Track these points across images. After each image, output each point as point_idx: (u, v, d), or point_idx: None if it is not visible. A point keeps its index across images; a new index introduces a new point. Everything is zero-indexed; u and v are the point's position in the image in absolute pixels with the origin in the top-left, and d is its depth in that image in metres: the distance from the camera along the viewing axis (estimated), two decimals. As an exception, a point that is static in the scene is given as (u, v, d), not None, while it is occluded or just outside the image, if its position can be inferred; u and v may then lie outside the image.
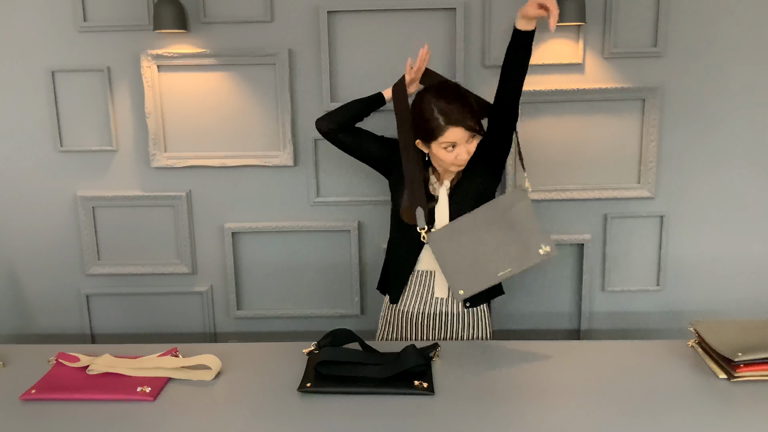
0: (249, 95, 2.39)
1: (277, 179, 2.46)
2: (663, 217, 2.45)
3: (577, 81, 2.36)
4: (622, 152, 2.42)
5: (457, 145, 1.77)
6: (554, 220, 2.48)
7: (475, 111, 1.78)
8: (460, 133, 1.75)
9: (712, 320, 1.64)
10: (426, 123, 1.77)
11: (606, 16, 2.30)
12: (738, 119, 2.38)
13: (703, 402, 1.37)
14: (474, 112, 1.78)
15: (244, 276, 2.55)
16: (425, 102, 1.78)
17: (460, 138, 1.76)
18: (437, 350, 1.57)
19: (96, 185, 2.47)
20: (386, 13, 2.32)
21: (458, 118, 1.74)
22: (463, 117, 1.74)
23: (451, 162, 1.80)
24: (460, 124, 1.74)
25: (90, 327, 2.58)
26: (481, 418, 1.32)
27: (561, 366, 1.54)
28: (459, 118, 1.74)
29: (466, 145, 1.78)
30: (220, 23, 2.33)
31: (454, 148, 1.77)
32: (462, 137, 1.76)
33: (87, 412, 1.36)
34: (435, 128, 1.75)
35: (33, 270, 2.54)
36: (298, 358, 1.57)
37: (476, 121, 1.77)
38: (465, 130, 1.74)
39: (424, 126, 1.78)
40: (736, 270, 2.50)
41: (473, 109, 1.78)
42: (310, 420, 1.32)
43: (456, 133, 1.74)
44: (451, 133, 1.74)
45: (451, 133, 1.74)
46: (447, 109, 1.74)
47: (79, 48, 2.36)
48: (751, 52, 2.33)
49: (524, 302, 2.55)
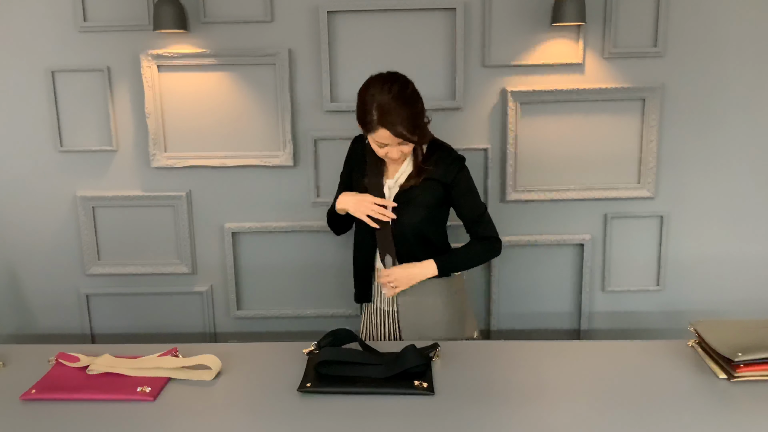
0: (249, 95, 2.39)
1: (277, 179, 2.46)
2: (663, 217, 2.45)
3: (577, 81, 2.36)
4: (622, 152, 2.42)
5: (387, 145, 1.77)
6: (554, 220, 2.48)
7: (412, 118, 1.73)
8: (389, 137, 1.74)
9: (712, 320, 1.64)
10: (363, 114, 1.77)
11: (606, 16, 2.30)
12: (738, 119, 2.38)
13: (703, 402, 1.37)
14: (411, 118, 1.73)
15: (244, 276, 2.55)
16: (369, 92, 1.75)
17: (389, 140, 1.75)
18: (437, 350, 1.57)
19: (96, 185, 2.47)
20: (386, 13, 2.32)
21: (390, 121, 1.71)
22: (396, 121, 1.71)
23: (382, 156, 1.82)
24: (390, 128, 1.72)
25: (90, 327, 2.58)
26: (481, 418, 1.32)
27: (561, 366, 1.54)
28: (391, 121, 1.71)
29: (397, 147, 1.77)
30: (220, 23, 2.33)
31: (385, 146, 1.78)
32: (392, 140, 1.75)
33: (87, 412, 1.36)
34: (369, 123, 1.75)
35: (33, 270, 2.54)
36: (298, 358, 1.57)
37: (410, 128, 1.72)
38: (390, 134, 1.73)
39: (362, 116, 1.78)
40: (736, 270, 2.50)
41: (411, 114, 1.73)
42: (310, 420, 1.32)
43: (385, 134, 1.74)
44: (381, 133, 1.74)
45: (382, 134, 1.74)
46: (384, 109, 1.71)
47: (79, 48, 2.36)
48: (751, 51, 2.33)
49: (524, 302, 2.55)
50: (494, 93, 2.38)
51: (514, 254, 2.51)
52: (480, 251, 1.93)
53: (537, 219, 2.48)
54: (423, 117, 1.78)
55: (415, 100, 1.76)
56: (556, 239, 2.47)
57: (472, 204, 1.90)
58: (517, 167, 2.42)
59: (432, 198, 1.87)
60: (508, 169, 2.41)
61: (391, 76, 1.78)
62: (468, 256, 1.93)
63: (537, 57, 2.34)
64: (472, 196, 1.90)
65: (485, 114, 2.38)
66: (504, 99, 2.37)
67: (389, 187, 1.90)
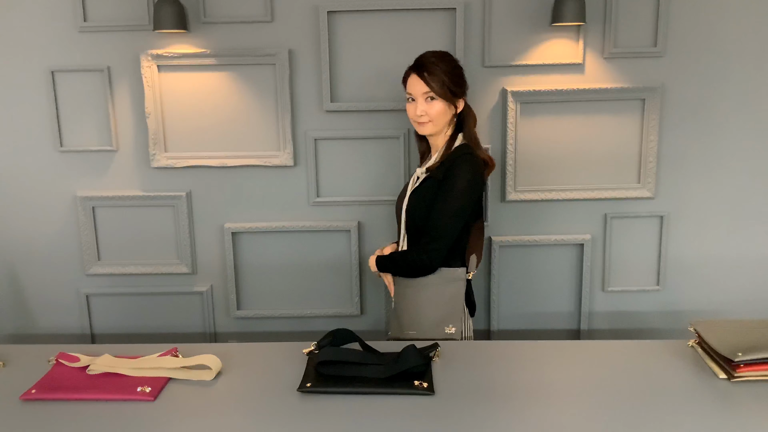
0: (249, 95, 2.39)
1: (277, 179, 2.46)
2: (663, 217, 2.45)
3: (577, 81, 2.36)
4: (622, 152, 2.42)
5: (415, 98, 1.83)
6: (554, 220, 2.48)
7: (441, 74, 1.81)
8: (415, 81, 1.81)
9: (712, 320, 1.64)
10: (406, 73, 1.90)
11: (606, 16, 2.30)
12: (738, 119, 2.38)
13: (703, 402, 1.37)
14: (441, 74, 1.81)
15: (244, 276, 2.55)
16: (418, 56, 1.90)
17: (414, 88, 1.82)
18: (437, 350, 1.57)
19: (96, 185, 2.47)
20: (386, 13, 2.32)
21: (416, 65, 1.83)
22: (424, 67, 1.81)
23: (413, 118, 1.87)
24: (415, 69, 1.82)
25: (90, 327, 2.58)
26: (481, 418, 1.32)
27: (561, 366, 1.54)
28: (416, 64, 1.83)
29: (424, 104, 1.83)
30: (220, 23, 2.33)
31: (414, 101, 1.84)
32: (416, 88, 1.82)
33: (87, 412, 1.36)
34: (404, 77, 1.87)
35: (33, 270, 2.54)
36: (298, 358, 1.57)
37: (439, 82, 1.80)
38: (419, 80, 1.80)
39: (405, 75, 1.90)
40: (736, 270, 2.50)
41: (443, 71, 1.81)
42: (310, 420, 1.32)
43: (412, 80, 1.82)
44: (410, 80, 1.84)
45: (410, 81, 1.83)
46: (420, 59, 1.84)
47: (79, 48, 2.36)
48: (751, 52, 2.33)
49: (524, 302, 2.55)
50: (494, 93, 2.38)
51: (514, 254, 2.51)
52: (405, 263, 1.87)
53: (537, 219, 2.48)
54: (455, 85, 1.85)
55: (454, 66, 1.87)
56: (556, 239, 2.47)
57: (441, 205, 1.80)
58: (517, 167, 2.42)
59: (428, 193, 1.86)
60: (508, 169, 2.40)
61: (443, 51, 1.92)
62: (397, 262, 1.90)
63: (537, 57, 2.34)
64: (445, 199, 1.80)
65: (485, 114, 2.38)
66: (504, 99, 2.37)
67: (419, 175, 1.92)
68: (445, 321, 1.88)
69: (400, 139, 2.40)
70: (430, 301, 1.88)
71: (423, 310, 1.88)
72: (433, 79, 1.81)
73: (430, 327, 1.88)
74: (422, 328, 1.87)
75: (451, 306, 1.89)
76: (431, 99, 1.83)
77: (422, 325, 1.88)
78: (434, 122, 1.85)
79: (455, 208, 1.80)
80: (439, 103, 1.83)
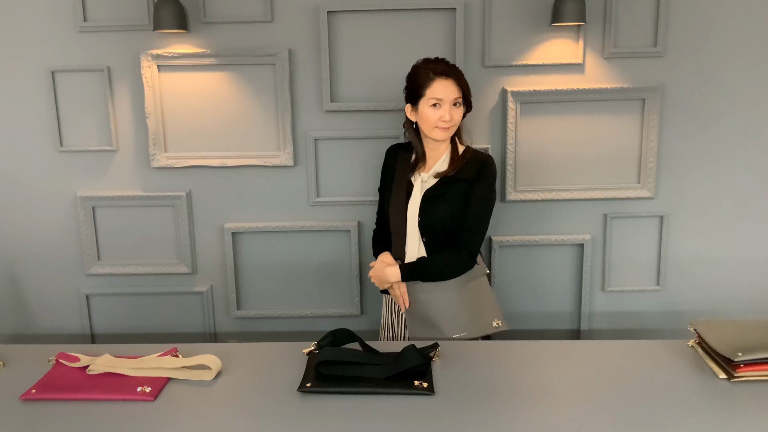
0: (249, 95, 2.39)
1: (277, 179, 2.46)
2: (663, 217, 2.45)
3: (577, 81, 2.36)
4: (622, 152, 2.42)
5: (442, 103, 1.83)
6: (554, 220, 2.48)
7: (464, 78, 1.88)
8: (446, 86, 1.82)
9: (712, 320, 1.64)
10: (416, 79, 1.87)
11: (606, 16, 2.30)
12: (738, 119, 2.38)
13: (703, 402, 1.37)
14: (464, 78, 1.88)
15: (244, 276, 2.55)
16: (419, 64, 1.92)
17: (445, 93, 1.82)
18: (437, 350, 1.57)
19: (96, 185, 2.47)
20: (386, 13, 2.32)
21: (446, 70, 1.84)
22: (450, 71, 1.84)
23: (435, 123, 1.85)
24: (448, 75, 1.83)
25: (90, 327, 2.58)
26: (481, 418, 1.32)
27: (561, 366, 1.54)
28: (446, 69, 1.84)
29: (450, 109, 1.84)
30: (220, 23, 2.33)
31: (440, 106, 1.83)
32: (447, 92, 1.82)
33: (87, 412, 1.36)
34: (424, 82, 1.84)
35: (33, 270, 2.54)
36: (298, 358, 1.57)
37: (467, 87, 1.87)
38: (453, 83, 1.83)
39: (413, 84, 1.88)
40: (736, 270, 2.50)
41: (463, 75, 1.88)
42: (310, 420, 1.32)
43: (442, 85, 1.83)
44: (437, 85, 1.83)
45: (438, 85, 1.83)
46: (442, 65, 1.86)
47: (79, 48, 2.36)
48: (751, 51, 2.33)
49: (524, 302, 2.55)
50: (494, 93, 2.38)
51: (514, 254, 2.51)
52: (444, 265, 1.89)
53: (537, 219, 2.48)
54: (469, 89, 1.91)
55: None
56: (556, 239, 2.47)
57: (478, 207, 1.89)
58: (517, 167, 2.42)
59: (459, 194, 1.89)
60: (508, 169, 2.40)
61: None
62: (432, 266, 1.90)
63: (537, 57, 2.34)
64: (482, 202, 1.90)
65: (485, 114, 2.38)
66: (504, 99, 2.37)
67: (423, 180, 1.93)
68: (490, 316, 1.93)
69: (400, 139, 2.39)
70: (465, 301, 1.90)
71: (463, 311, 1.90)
72: (464, 85, 1.87)
73: (477, 326, 1.90)
74: (470, 328, 1.89)
75: (487, 300, 1.95)
76: (458, 105, 1.86)
77: (469, 325, 1.89)
78: (454, 127, 1.89)
79: (490, 206, 1.94)
80: (462, 109, 1.89)
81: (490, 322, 1.93)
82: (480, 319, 1.91)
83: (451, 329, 1.87)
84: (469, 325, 1.89)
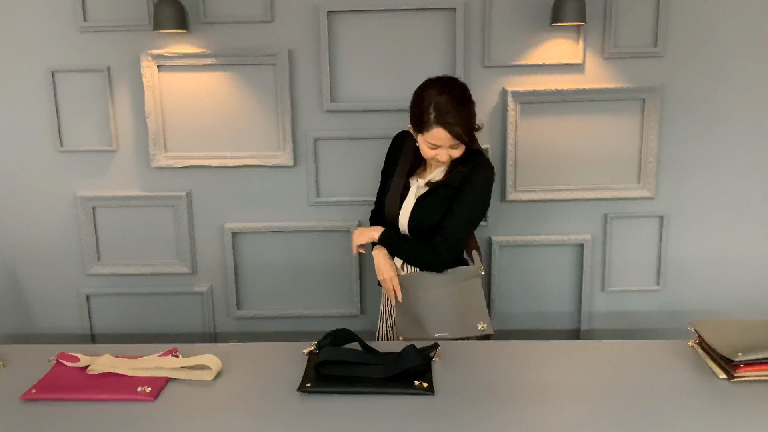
0: (249, 95, 2.39)
1: (277, 179, 2.46)
2: (663, 217, 2.45)
3: (577, 81, 2.36)
4: (622, 152, 2.42)
5: (440, 147, 1.78)
6: (554, 220, 2.48)
7: (468, 120, 1.77)
8: (445, 137, 1.75)
9: (712, 320, 1.64)
10: (419, 114, 1.78)
11: (606, 16, 2.30)
12: (738, 119, 2.38)
13: (703, 402, 1.37)
14: (468, 120, 1.76)
15: (244, 276, 2.55)
16: (427, 92, 1.78)
17: (443, 140, 1.76)
18: (437, 350, 1.57)
19: (96, 185, 2.47)
20: (386, 13, 2.32)
21: (449, 121, 1.73)
22: (454, 122, 1.73)
23: (430, 158, 1.83)
24: (448, 129, 1.73)
25: (90, 327, 2.58)
26: (481, 418, 1.32)
27: (561, 366, 1.54)
28: (450, 121, 1.73)
29: (448, 150, 1.79)
30: (220, 23, 2.33)
31: (438, 147, 1.78)
32: (446, 141, 1.76)
33: (87, 412, 1.36)
34: (425, 122, 1.76)
35: (33, 270, 2.54)
36: (298, 358, 1.57)
37: (467, 130, 1.76)
38: (450, 137, 1.74)
39: (417, 116, 1.79)
40: (736, 270, 2.50)
41: (468, 116, 1.77)
42: (310, 420, 1.32)
43: (441, 134, 1.74)
44: (437, 132, 1.75)
45: (437, 133, 1.75)
46: (442, 108, 1.73)
47: (79, 48, 2.36)
48: (751, 51, 2.33)
49: (524, 302, 2.55)
50: (494, 93, 2.38)
51: (514, 254, 2.51)
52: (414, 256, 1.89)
53: (537, 219, 2.48)
54: (475, 121, 1.81)
55: (471, 103, 1.80)
56: (556, 239, 2.48)
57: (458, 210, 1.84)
58: (517, 167, 2.42)
59: (444, 200, 1.87)
60: (508, 169, 2.40)
61: (450, 78, 1.82)
62: (408, 248, 1.90)
63: (537, 57, 2.34)
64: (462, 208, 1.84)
65: (485, 114, 2.38)
66: (504, 99, 2.37)
67: (419, 186, 1.91)
68: (476, 318, 1.90)
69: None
70: (452, 301, 1.88)
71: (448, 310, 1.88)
72: (461, 129, 1.74)
73: (462, 327, 1.88)
74: (453, 328, 1.87)
75: (475, 302, 1.91)
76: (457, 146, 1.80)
77: (453, 325, 1.87)
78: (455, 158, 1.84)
79: (471, 215, 1.88)
80: (462, 147, 1.80)
81: (476, 324, 1.90)
82: (465, 320, 1.89)
83: (435, 328, 1.86)
84: (453, 326, 1.87)
